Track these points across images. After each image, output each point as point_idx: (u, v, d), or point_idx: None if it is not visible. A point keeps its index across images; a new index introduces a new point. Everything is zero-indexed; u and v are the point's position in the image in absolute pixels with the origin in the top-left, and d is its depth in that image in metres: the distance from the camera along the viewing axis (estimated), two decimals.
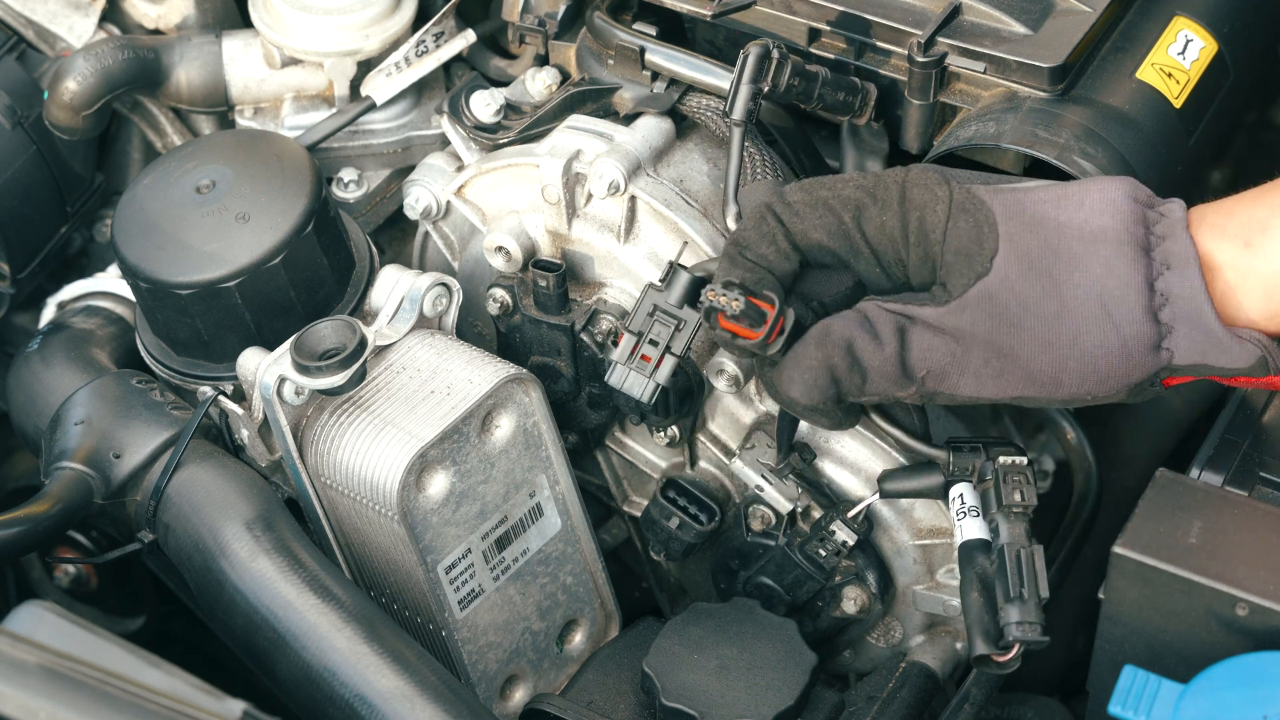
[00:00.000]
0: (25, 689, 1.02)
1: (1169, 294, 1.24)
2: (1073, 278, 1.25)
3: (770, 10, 1.55)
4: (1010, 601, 1.30)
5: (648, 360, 1.39)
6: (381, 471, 1.42)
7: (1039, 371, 1.26)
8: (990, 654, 1.31)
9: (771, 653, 1.49)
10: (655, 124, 1.57)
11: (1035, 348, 1.25)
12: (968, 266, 1.26)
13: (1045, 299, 1.25)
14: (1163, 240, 1.26)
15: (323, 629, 1.36)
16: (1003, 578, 1.32)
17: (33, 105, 1.70)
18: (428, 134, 1.70)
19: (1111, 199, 1.27)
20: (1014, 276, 1.25)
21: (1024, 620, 1.29)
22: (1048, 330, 1.25)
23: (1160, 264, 1.25)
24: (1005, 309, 1.25)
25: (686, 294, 1.38)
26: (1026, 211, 1.27)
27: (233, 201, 1.49)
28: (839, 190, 1.31)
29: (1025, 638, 1.29)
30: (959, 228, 1.27)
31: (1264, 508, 1.30)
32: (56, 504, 1.45)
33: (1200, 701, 1.18)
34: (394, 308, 1.50)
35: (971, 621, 1.32)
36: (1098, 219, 1.26)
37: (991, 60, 1.48)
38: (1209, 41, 1.53)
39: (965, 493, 1.40)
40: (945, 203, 1.28)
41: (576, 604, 1.58)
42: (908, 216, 1.28)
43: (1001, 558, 1.32)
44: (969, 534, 1.37)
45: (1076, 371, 1.26)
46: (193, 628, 1.71)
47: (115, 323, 1.63)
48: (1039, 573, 1.31)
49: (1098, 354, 1.25)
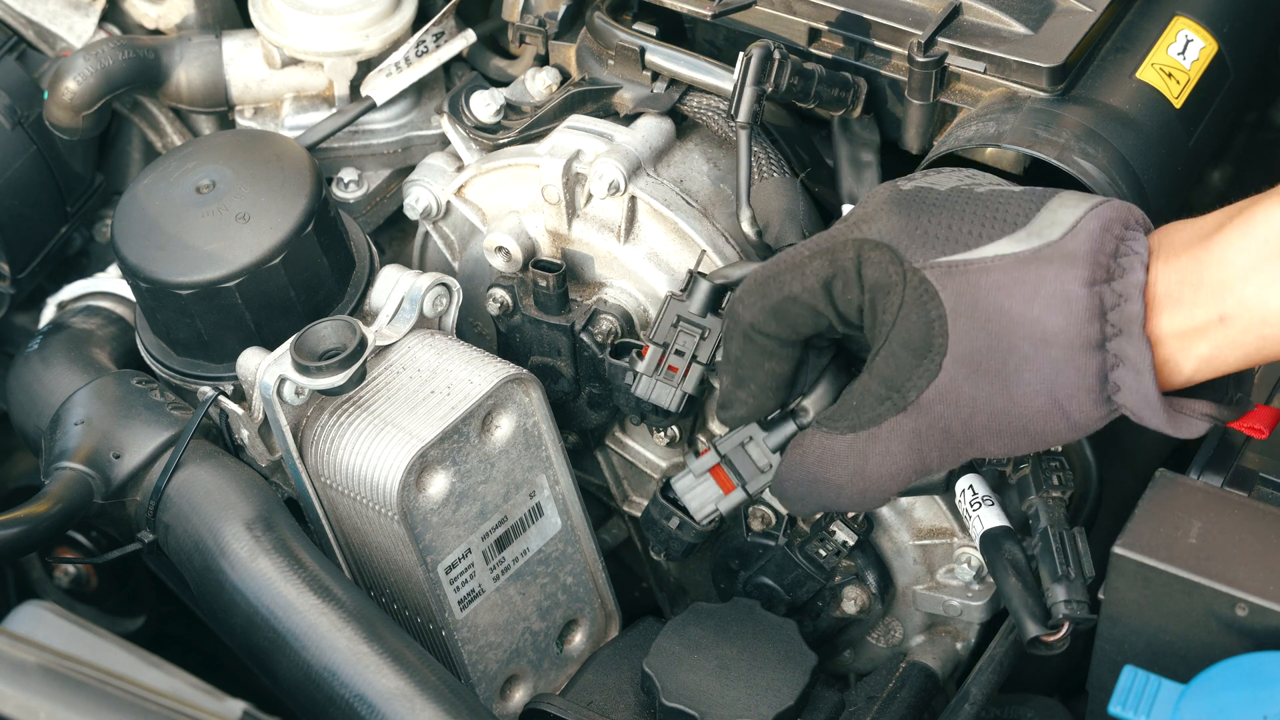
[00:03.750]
0: (25, 689, 1.02)
1: (1122, 383, 1.24)
2: (1022, 376, 1.24)
3: (770, 10, 1.55)
4: (1058, 581, 1.33)
5: (675, 370, 1.42)
6: (381, 471, 1.42)
7: (993, 450, 1.29)
8: (1041, 635, 1.32)
9: (771, 653, 1.49)
10: (655, 124, 1.57)
11: (987, 436, 1.28)
12: (916, 365, 1.26)
13: (994, 397, 1.26)
14: (1118, 333, 1.23)
15: (323, 629, 1.36)
16: (1048, 559, 1.34)
17: (33, 105, 1.70)
18: (428, 134, 1.70)
19: (1066, 293, 1.23)
20: (961, 379, 1.25)
21: (1072, 598, 1.32)
22: (997, 423, 1.27)
23: (1114, 356, 1.23)
24: (957, 407, 1.27)
25: (708, 302, 1.41)
26: (979, 306, 1.25)
27: (233, 201, 1.49)
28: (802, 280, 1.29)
29: (1075, 615, 1.32)
30: (910, 321, 1.25)
31: (1264, 508, 1.30)
32: (56, 504, 1.45)
33: (1200, 702, 1.18)
34: (394, 308, 1.50)
35: (1016, 605, 1.34)
36: (1050, 318, 1.23)
37: (991, 60, 1.48)
38: (1209, 41, 1.53)
39: (975, 484, 1.42)
40: (899, 291, 1.26)
41: (576, 604, 1.58)
42: (864, 294, 1.28)
43: (1046, 539, 1.35)
44: (989, 523, 1.39)
45: (1028, 446, 1.28)
46: (192, 628, 1.71)
47: (115, 323, 1.63)
48: (1083, 553, 1.34)
49: (1048, 434, 1.27)
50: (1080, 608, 1.32)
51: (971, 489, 1.42)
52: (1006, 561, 1.36)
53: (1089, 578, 1.33)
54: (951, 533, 1.51)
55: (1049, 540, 1.34)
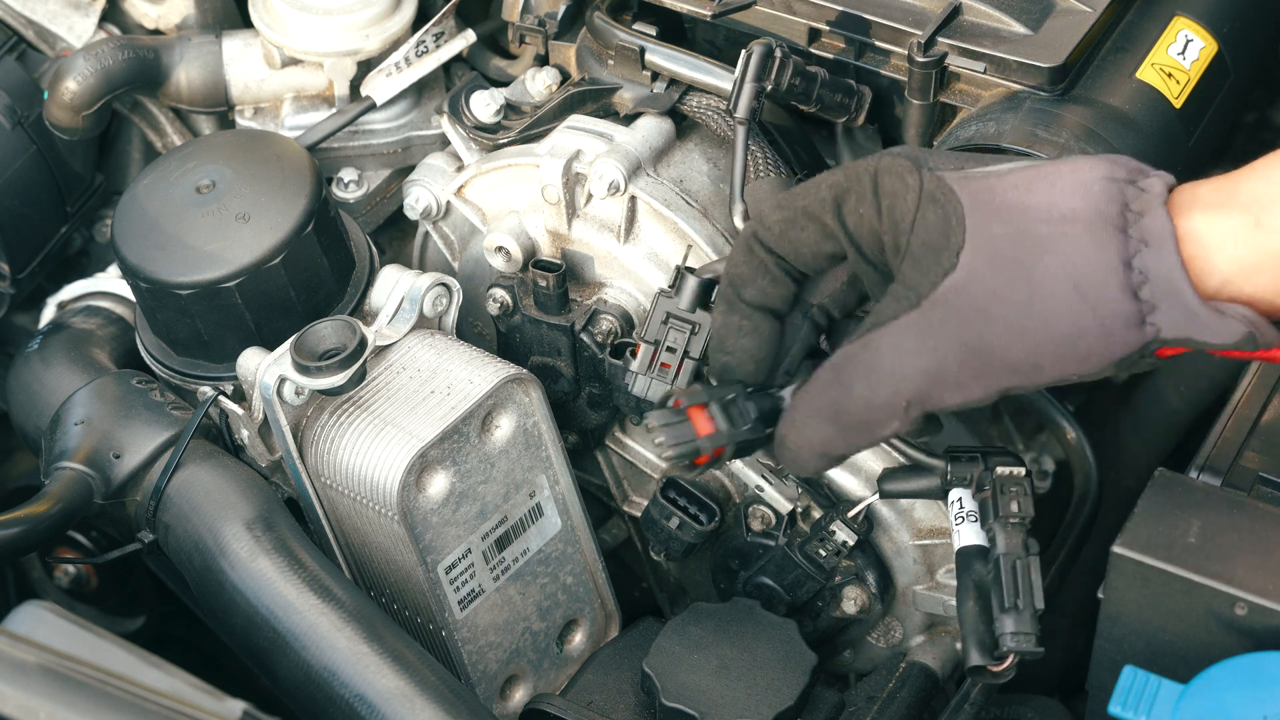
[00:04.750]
0: (25, 689, 1.02)
1: (1147, 271, 1.21)
2: (1042, 261, 1.22)
3: (770, 10, 1.55)
4: (1005, 612, 1.29)
5: (668, 368, 1.41)
6: (381, 471, 1.42)
7: (1016, 361, 1.24)
8: (985, 664, 1.30)
9: (771, 653, 1.49)
10: (655, 124, 1.57)
11: (1009, 338, 1.23)
12: (935, 262, 1.23)
13: (1014, 287, 1.22)
14: (1140, 217, 1.22)
15: (323, 629, 1.36)
16: (998, 588, 1.31)
17: (33, 105, 1.70)
18: (428, 134, 1.70)
19: (1084, 180, 1.24)
20: (981, 269, 1.23)
21: (1019, 631, 1.29)
22: (1019, 318, 1.22)
23: (1137, 241, 1.21)
24: (974, 302, 1.23)
25: (697, 297, 1.40)
26: (996, 200, 1.24)
27: (233, 201, 1.49)
28: (816, 194, 1.29)
29: (1020, 648, 1.28)
30: (927, 220, 1.24)
31: (1264, 508, 1.29)
32: (56, 504, 1.45)
33: (1200, 701, 1.18)
34: (394, 308, 1.50)
35: (967, 631, 1.31)
36: (1068, 200, 1.23)
37: (991, 60, 1.48)
38: (1209, 41, 1.53)
39: (964, 497, 1.40)
40: (915, 192, 1.25)
41: (576, 604, 1.58)
42: (880, 204, 1.26)
43: (997, 568, 1.31)
44: (966, 540, 1.37)
45: (1053, 355, 1.23)
46: (192, 628, 1.71)
47: (115, 323, 1.63)
48: (1035, 584, 1.30)
49: (1074, 335, 1.22)
50: (1026, 640, 1.28)
51: (960, 501, 1.40)
52: (971, 582, 1.34)
53: (1038, 610, 1.29)
54: (951, 533, 1.51)
55: (999, 569, 1.31)
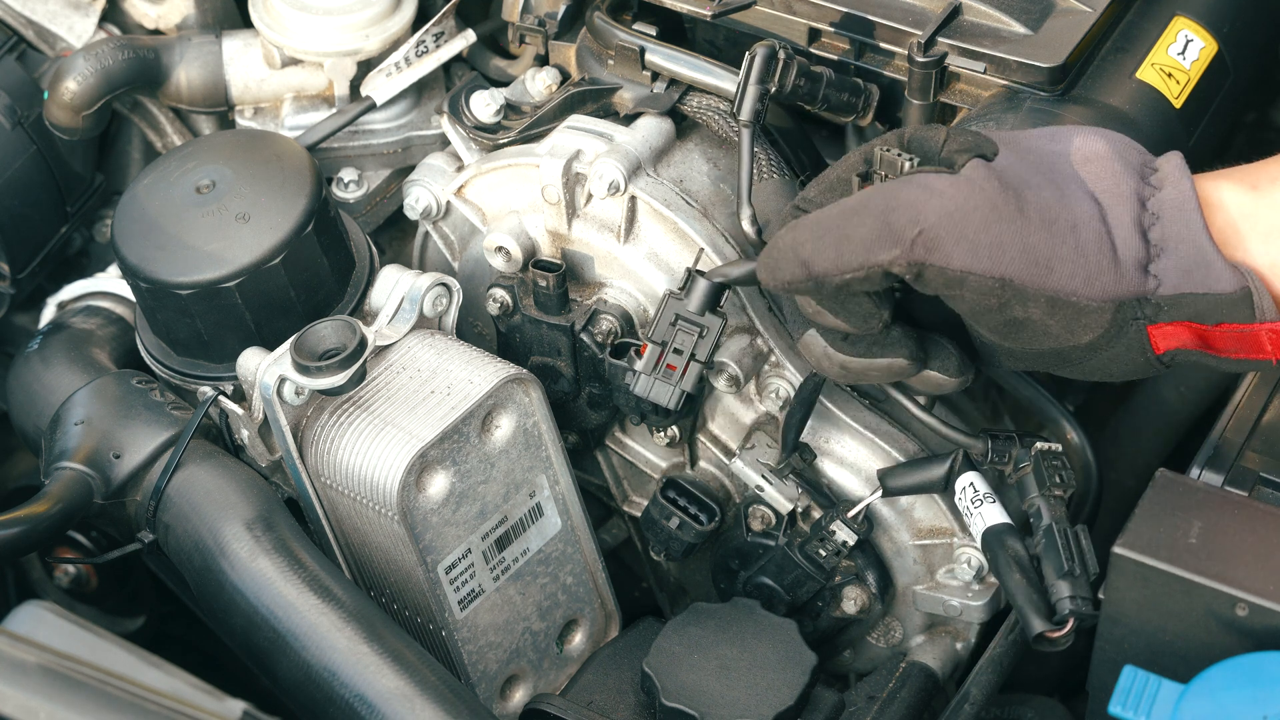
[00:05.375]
0: (25, 689, 1.02)
1: (1160, 212, 1.25)
2: (1069, 185, 1.27)
3: (770, 10, 1.55)
4: (1062, 577, 1.33)
5: (673, 369, 1.41)
6: (381, 471, 1.42)
7: (1035, 247, 1.25)
8: (1046, 631, 1.32)
9: (771, 653, 1.49)
10: (655, 124, 1.57)
11: (1037, 221, 1.25)
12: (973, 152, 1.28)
13: (1046, 185, 1.26)
14: (1156, 170, 1.29)
15: (323, 629, 1.36)
16: (1052, 555, 1.34)
17: (33, 105, 1.70)
18: (428, 134, 1.70)
19: (1102, 133, 1.31)
20: (1016, 164, 1.28)
21: (1077, 594, 1.32)
22: (1049, 208, 1.25)
23: (1153, 185, 1.27)
24: (1010, 177, 1.26)
25: (707, 300, 1.41)
26: (1023, 142, 1.30)
27: (233, 201, 1.49)
28: (848, 163, 1.33)
29: (1080, 611, 1.31)
30: (960, 138, 1.30)
31: (1264, 508, 1.30)
32: (56, 504, 1.45)
33: (1200, 702, 1.18)
34: (394, 308, 1.50)
35: (1021, 602, 1.33)
36: (1091, 144, 1.30)
37: (991, 60, 1.48)
38: (1209, 41, 1.53)
39: (975, 481, 1.41)
40: (944, 132, 1.31)
41: (576, 604, 1.58)
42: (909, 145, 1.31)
43: (1050, 536, 1.35)
44: (991, 520, 1.39)
45: (1069, 259, 1.25)
46: (192, 628, 1.71)
47: (115, 323, 1.63)
48: (1087, 550, 1.34)
49: (1091, 247, 1.25)
50: (1085, 604, 1.32)
51: (972, 486, 1.42)
52: (1010, 558, 1.36)
53: (1093, 574, 1.33)
54: (951, 532, 1.51)
55: (1053, 536, 1.34)
